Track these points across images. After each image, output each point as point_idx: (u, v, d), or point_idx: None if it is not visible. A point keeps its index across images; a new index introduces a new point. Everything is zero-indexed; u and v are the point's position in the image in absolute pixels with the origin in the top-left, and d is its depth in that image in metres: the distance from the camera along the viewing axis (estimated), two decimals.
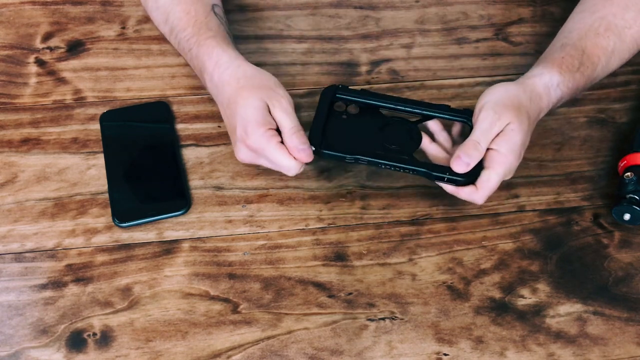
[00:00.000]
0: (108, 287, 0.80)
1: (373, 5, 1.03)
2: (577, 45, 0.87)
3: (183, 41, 0.89)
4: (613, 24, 0.88)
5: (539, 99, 0.84)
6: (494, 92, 0.83)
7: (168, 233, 0.84)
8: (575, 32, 0.89)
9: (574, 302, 0.81)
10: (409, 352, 0.77)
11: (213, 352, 0.77)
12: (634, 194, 0.83)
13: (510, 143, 0.80)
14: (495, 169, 0.80)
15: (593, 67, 0.87)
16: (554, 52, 0.88)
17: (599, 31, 0.88)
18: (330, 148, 0.82)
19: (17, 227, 0.84)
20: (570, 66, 0.85)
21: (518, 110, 0.81)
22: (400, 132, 0.85)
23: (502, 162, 0.80)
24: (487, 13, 1.03)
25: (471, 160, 0.79)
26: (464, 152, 0.79)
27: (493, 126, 0.80)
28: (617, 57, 0.89)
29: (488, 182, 0.80)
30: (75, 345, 0.77)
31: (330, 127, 0.84)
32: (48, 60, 0.96)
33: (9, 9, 1.01)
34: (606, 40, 0.87)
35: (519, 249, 0.84)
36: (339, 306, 0.80)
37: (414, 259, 0.83)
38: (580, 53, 0.86)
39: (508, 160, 0.80)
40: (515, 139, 0.80)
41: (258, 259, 0.83)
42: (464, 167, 0.79)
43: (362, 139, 0.84)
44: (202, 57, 0.86)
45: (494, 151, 0.80)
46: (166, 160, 0.88)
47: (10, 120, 0.91)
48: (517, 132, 0.80)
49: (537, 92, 0.84)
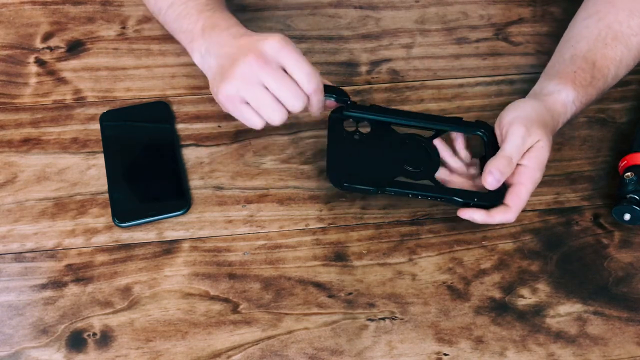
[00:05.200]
0: (108, 287, 0.80)
1: (373, 5, 1.03)
2: (588, 57, 0.86)
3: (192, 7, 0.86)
4: (620, 32, 0.88)
5: (558, 116, 0.84)
6: (521, 108, 0.83)
7: (168, 233, 0.84)
8: (583, 42, 0.88)
9: (574, 302, 0.81)
10: (409, 352, 0.77)
11: (213, 352, 0.77)
12: (634, 194, 0.83)
13: (539, 160, 0.80)
14: (526, 185, 0.79)
15: (604, 79, 0.87)
16: (565, 66, 0.87)
17: (606, 41, 0.87)
18: (354, 181, 0.80)
19: (17, 227, 0.84)
20: (583, 81, 0.85)
21: (545, 128, 0.81)
22: (419, 151, 0.84)
23: (531, 177, 0.79)
24: (487, 13, 1.03)
25: (503, 177, 0.79)
26: (496, 168, 0.79)
27: (525, 142, 0.79)
28: (625, 65, 0.89)
29: (520, 199, 0.79)
30: (75, 345, 0.77)
31: (346, 155, 0.82)
32: (48, 60, 0.96)
33: (9, 9, 1.01)
34: (614, 51, 0.87)
35: (519, 249, 0.84)
36: (339, 306, 0.80)
37: (414, 259, 0.83)
38: (591, 66, 0.86)
39: (537, 176, 0.80)
40: (544, 156, 0.80)
41: (258, 259, 0.83)
42: (495, 183, 0.79)
43: (382, 163, 0.83)
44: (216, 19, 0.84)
45: (524, 167, 0.80)
46: (166, 160, 0.88)
47: (10, 120, 0.91)
48: (545, 149, 0.80)
49: (558, 110, 0.84)
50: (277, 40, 0.78)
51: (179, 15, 0.88)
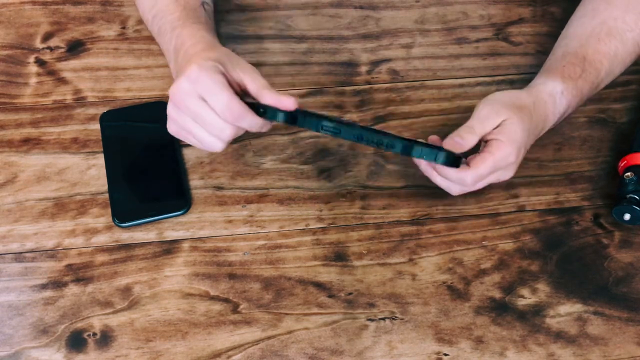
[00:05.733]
0: (108, 287, 0.80)
1: (373, 5, 1.03)
2: (578, 52, 0.87)
3: (167, 23, 0.85)
4: (614, 27, 0.88)
5: (543, 104, 0.83)
6: (495, 94, 0.84)
7: (168, 233, 0.84)
8: (575, 39, 0.88)
9: (574, 302, 0.81)
10: (409, 352, 0.77)
11: (213, 352, 0.77)
12: (634, 194, 0.83)
13: (509, 134, 0.79)
14: (494, 154, 0.78)
15: (596, 72, 0.87)
16: (555, 62, 0.87)
17: (600, 37, 0.87)
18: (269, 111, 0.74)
19: (17, 227, 0.84)
20: (572, 73, 0.85)
21: (519, 109, 0.81)
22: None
23: (500, 147, 0.79)
24: (487, 13, 1.03)
25: (464, 142, 0.78)
26: (457, 134, 0.79)
27: (489, 118, 0.80)
28: (620, 61, 0.89)
29: (483, 164, 0.78)
30: (75, 345, 0.77)
31: None
32: (48, 60, 0.96)
33: (9, 9, 1.01)
34: (608, 46, 0.87)
35: (519, 249, 0.84)
36: (339, 306, 0.80)
37: (414, 259, 0.83)
38: (581, 60, 0.86)
39: (506, 148, 0.79)
40: (515, 130, 0.79)
41: (258, 259, 0.83)
42: (457, 146, 0.78)
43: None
44: (184, 37, 0.82)
45: (493, 140, 0.79)
46: (166, 160, 0.88)
47: (10, 120, 0.91)
48: (516, 125, 0.79)
49: (542, 97, 0.84)
50: (193, 71, 0.73)
51: (159, 30, 0.88)
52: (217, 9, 1.00)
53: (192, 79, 0.74)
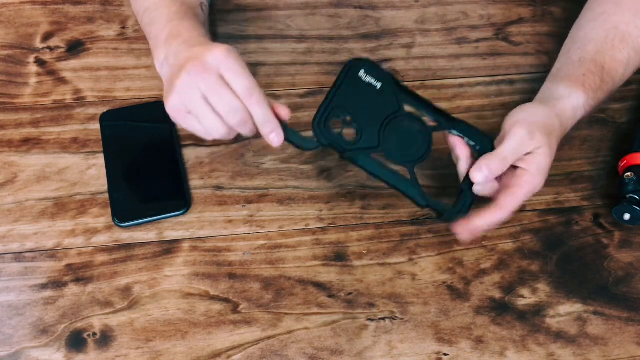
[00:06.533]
0: (108, 287, 0.80)
1: (373, 5, 1.03)
2: (597, 60, 0.86)
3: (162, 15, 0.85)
4: (627, 33, 0.87)
5: (567, 122, 0.83)
6: (529, 112, 0.81)
7: (168, 233, 0.84)
8: (591, 44, 0.87)
9: (574, 302, 0.81)
10: (409, 352, 0.77)
11: (213, 352, 0.77)
12: (634, 194, 0.83)
13: (539, 165, 0.77)
14: (523, 187, 0.77)
15: (612, 82, 0.86)
16: (573, 69, 0.86)
17: (614, 43, 0.86)
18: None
19: (17, 227, 0.84)
20: (593, 84, 0.84)
21: (550, 135, 0.79)
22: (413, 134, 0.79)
23: (530, 181, 0.77)
24: (487, 13, 1.03)
25: (492, 175, 0.76)
26: (487, 165, 0.76)
27: (524, 145, 0.77)
28: (632, 67, 0.88)
29: (514, 199, 0.77)
30: (75, 345, 0.77)
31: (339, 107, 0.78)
32: (48, 60, 0.96)
33: (9, 9, 1.01)
34: (622, 53, 0.86)
35: (519, 249, 0.84)
36: (339, 306, 0.80)
37: (414, 259, 0.83)
38: (600, 69, 0.85)
39: (536, 182, 0.77)
40: (545, 162, 0.77)
41: (258, 259, 0.83)
42: (482, 179, 0.76)
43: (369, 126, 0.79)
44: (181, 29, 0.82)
45: (523, 170, 0.77)
46: (166, 160, 0.88)
47: (10, 120, 0.91)
48: (545, 156, 0.77)
49: (567, 116, 0.83)
50: (221, 51, 0.75)
51: (151, 21, 0.87)
52: (217, 9, 1.00)
53: (219, 58, 0.75)
